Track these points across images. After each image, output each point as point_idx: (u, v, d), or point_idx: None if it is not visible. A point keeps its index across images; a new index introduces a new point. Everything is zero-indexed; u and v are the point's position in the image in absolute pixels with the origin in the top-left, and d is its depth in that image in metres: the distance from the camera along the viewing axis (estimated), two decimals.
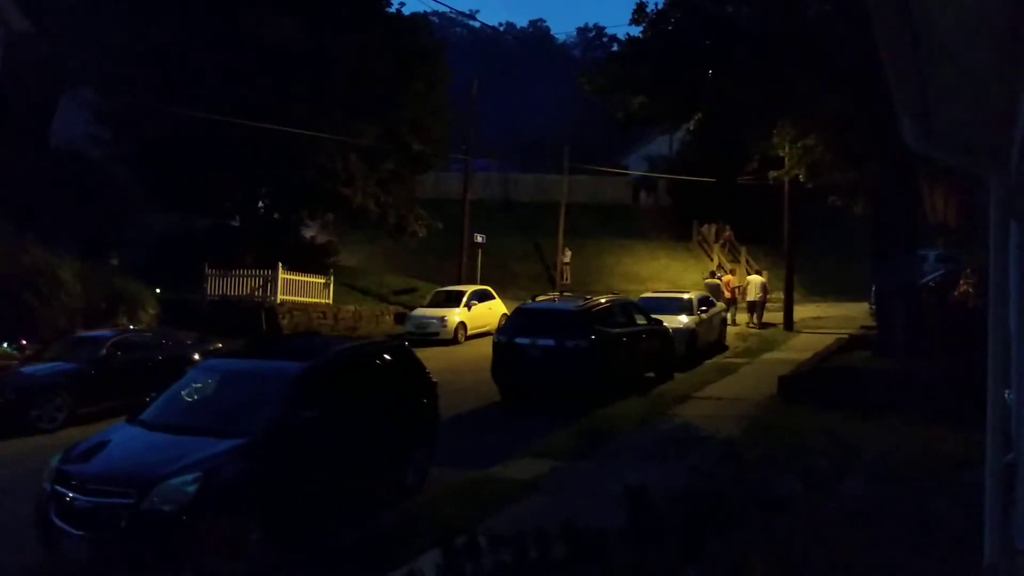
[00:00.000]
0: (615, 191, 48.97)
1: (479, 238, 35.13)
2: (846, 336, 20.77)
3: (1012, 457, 4.59)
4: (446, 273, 33.96)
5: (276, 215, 30.85)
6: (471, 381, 16.83)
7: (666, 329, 18.74)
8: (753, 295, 28.49)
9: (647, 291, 27.25)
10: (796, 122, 18.34)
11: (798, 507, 4.91)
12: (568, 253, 38.86)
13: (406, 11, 32.80)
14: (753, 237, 40.11)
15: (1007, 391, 4.73)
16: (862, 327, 22.59)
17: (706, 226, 43.49)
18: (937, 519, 5.06)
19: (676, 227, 44.64)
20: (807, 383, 14.56)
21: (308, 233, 33.53)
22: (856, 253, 29.22)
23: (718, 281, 30.40)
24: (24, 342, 18.19)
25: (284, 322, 25.42)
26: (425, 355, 13.00)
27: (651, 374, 17.53)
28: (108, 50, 25.22)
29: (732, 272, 33.66)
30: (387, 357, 10.70)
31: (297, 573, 7.56)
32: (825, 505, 4.88)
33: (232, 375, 9.43)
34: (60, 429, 13.54)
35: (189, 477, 7.19)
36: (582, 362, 15.16)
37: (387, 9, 30.78)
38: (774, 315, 28.80)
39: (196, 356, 15.52)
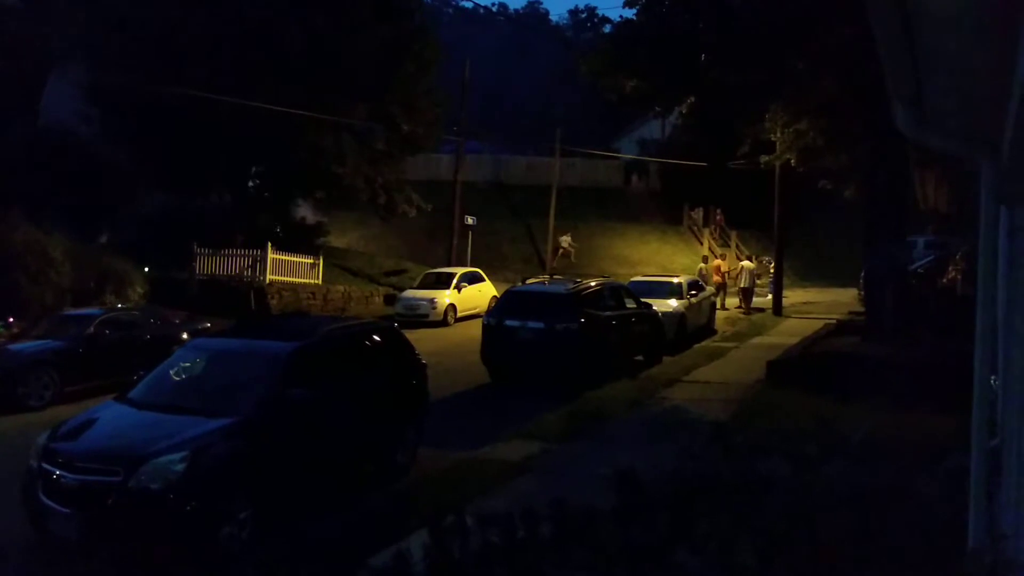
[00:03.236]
0: (607, 174, 48.90)
1: (470, 220, 35.08)
2: (834, 321, 20.85)
3: (997, 442, 4.63)
4: (436, 255, 33.93)
5: (266, 194, 30.73)
6: (460, 363, 16.85)
7: (656, 313, 18.79)
8: (744, 282, 28.54)
9: (637, 275, 27.27)
10: (788, 106, 18.31)
11: (785, 489, 4.95)
12: (568, 238, 39.08)
13: None
14: (743, 222, 40.14)
15: (993, 377, 4.77)
16: (851, 312, 22.66)
17: (696, 210, 43.52)
18: (923, 502, 5.10)
19: (667, 211, 44.65)
20: (795, 368, 14.61)
21: (298, 213, 33.43)
22: (846, 239, 29.33)
23: (710, 266, 30.47)
24: (12, 320, 18.13)
25: (273, 302, 25.38)
26: (415, 336, 13.01)
27: (640, 357, 17.57)
28: (98, 27, 25.05)
29: (723, 257, 33.73)
30: (376, 338, 10.71)
31: (285, 552, 7.57)
32: (812, 487, 4.92)
33: (221, 354, 9.43)
34: (47, 407, 13.53)
35: (177, 456, 7.19)
36: (571, 345, 15.18)
37: None
38: (763, 300, 28.89)
39: (184, 335, 15.52)
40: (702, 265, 31.00)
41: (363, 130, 28.21)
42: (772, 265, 29.92)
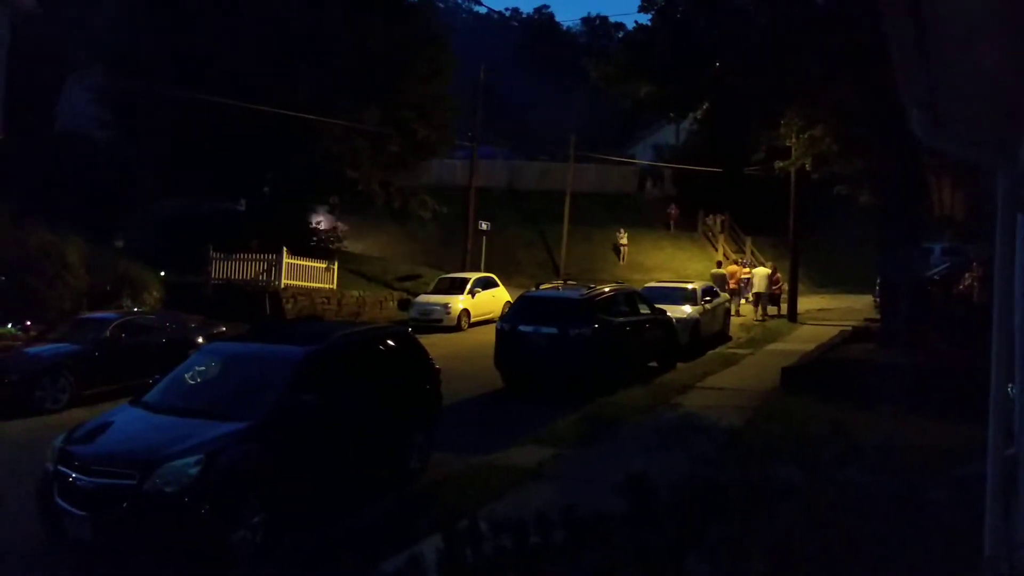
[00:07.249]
0: (621, 180, 48.83)
1: (484, 225, 35.11)
2: (850, 328, 20.72)
3: (1013, 451, 4.59)
4: (450, 260, 33.94)
5: (281, 199, 30.85)
6: (474, 368, 16.85)
7: (669, 319, 18.74)
8: (759, 287, 28.34)
9: (651, 280, 27.22)
10: (803, 112, 18.26)
11: (799, 496, 4.92)
12: (625, 234, 39.97)
13: None
14: (759, 228, 40.01)
15: (1010, 385, 4.72)
16: (866, 319, 22.54)
17: (712, 216, 43.49)
18: (938, 510, 5.06)
19: (682, 217, 44.58)
20: (810, 374, 14.54)
21: (313, 218, 33.56)
22: (862, 245, 29.13)
23: (724, 271, 30.33)
24: (29, 323, 18.28)
25: (288, 307, 25.46)
26: (428, 342, 13.01)
27: (654, 363, 17.54)
28: (114, 33, 25.24)
29: (736, 263, 33.58)
30: (390, 343, 10.73)
31: (298, 556, 7.59)
32: (825, 494, 4.89)
33: (236, 359, 9.46)
34: (64, 410, 13.64)
35: (191, 459, 7.22)
36: (585, 350, 15.16)
37: None
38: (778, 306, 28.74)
39: (200, 339, 15.60)
40: (715, 270, 30.83)
41: (377, 135, 28.29)
42: (756, 267, 29.39)
